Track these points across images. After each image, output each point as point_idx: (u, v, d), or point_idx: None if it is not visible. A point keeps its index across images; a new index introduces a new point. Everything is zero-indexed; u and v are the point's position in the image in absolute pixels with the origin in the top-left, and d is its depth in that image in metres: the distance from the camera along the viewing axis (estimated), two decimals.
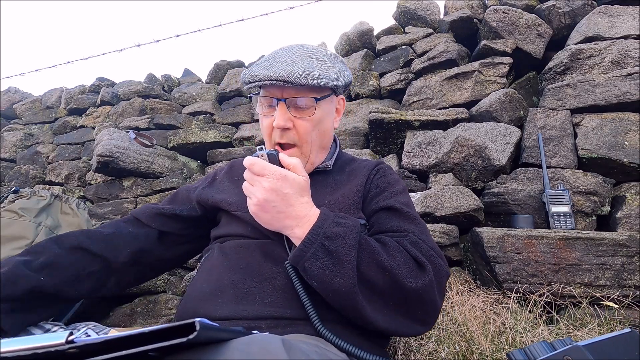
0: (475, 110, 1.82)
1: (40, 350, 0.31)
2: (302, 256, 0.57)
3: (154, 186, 2.26)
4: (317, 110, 0.73)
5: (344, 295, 0.56)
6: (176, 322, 0.32)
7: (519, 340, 0.97)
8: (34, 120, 3.31)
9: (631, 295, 1.12)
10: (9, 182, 2.78)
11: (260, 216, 0.62)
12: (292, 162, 0.63)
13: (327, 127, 0.79)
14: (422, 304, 0.58)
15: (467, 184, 1.66)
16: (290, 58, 0.71)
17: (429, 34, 2.34)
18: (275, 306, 0.60)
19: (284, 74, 0.67)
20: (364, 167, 0.84)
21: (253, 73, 0.71)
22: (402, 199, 0.75)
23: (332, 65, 0.76)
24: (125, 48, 3.09)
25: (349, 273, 0.55)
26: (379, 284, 0.57)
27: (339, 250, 0.56)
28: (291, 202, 0.60)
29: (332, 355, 0.49)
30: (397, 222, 0.70)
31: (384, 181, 0.79)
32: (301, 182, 0.62)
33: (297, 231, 0.60)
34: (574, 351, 0.39)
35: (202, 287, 0.66)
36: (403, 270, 0.58)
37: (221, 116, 2.69)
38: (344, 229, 0.59)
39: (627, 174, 1.50)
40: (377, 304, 0.57)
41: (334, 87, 0.74)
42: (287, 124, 0.71)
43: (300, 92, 0.71)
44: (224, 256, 0.69)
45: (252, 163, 0.61)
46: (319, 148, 0.78)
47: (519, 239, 1.22)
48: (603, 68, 1.73)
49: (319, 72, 0.71)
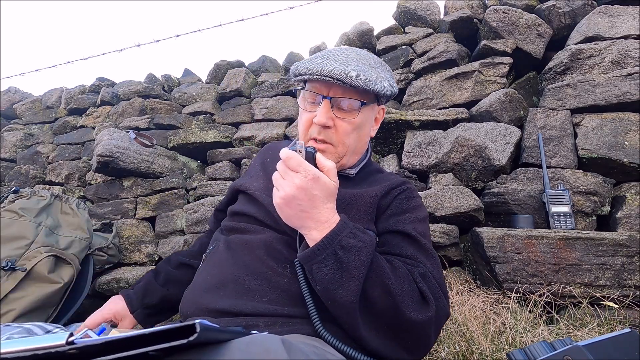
0: (475, 110, 1.82)
1: (41, 351, 0.31)
2: (313, 258, 0.57)
3: (154, 186, 2.26)
4: (359, 115, 0.73)
5: (343, 308, 0.56)
6: (177, 324, 0.32)
7: (519, 340, 0.97)
8: (34, 120, 3.31)
9: (631, 295, 1.12)
10: (9, 182, 2.78)
11: (283, 210, 0.61)
12: (327, 165, 0.61)
13: (364, 134, 0.79)
14: (417, 337, 0.58)
15: (467, 184, 1.66)
16: (344, 58, 0.72)
17: (429, 34, 2.34)
18: (273, 304, 0.61)
19: (337, 71, 0.67)
20: (388, 180, 0.82)
21: (306, 66, 0.71)
22: (421, 228, 0.72)
23: (381, 73, 0.75)
24: (125, 48, 3.09)
25: (353, 288, 0.55)
26: (379, 306, 0.57)
27: (350, 263, 0.56)
28: (317, 204, 0.59)
29: (330, 355, 0.49)
30: (411, 250, 0.68)
31: (408, 204, 0.76)
32: (331, 187, 0.61)
33: (315, 234, 0.59)
34: (574, 351, 0.39)
35: (207, 279, 0.68)
36: (407, 299, 0.57)
37: (221, 116, 2.69)
38: (360, 243, 0.58)
39: (627, 174, 1.50)
40: (372, 324, 0.57)
41: (380, 95, 0.74)
42: (329, 122, 0.71)
43: (347, 93, 0.71)
44: (228, 251, 0.71)
45: (289, 157, 0.59)
46: (352, 152, 0.78)
47: (519, 239, 1.22)
48: (603, 68, 1.73)
49: (370, 76, 0.70)
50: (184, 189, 2.24)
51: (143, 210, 2.20)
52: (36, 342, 0.31)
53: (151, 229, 2.14)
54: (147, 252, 2.02)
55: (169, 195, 2.20)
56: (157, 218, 2.14)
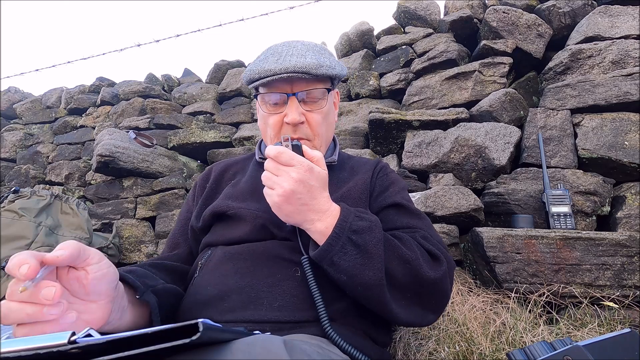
0: (476, 110, 1.82)
1: (42, 350, 0.31)
2: (330, 250, 0.57)
3: (154, 186, 2.26)
4: (327, 102, 0.74)
5: (373, 289, 0.56)
6: (179, 323, 0.31)
7: (519, 340, 0.97)
8: (34, 120, 3.31)
9: (631, 295, 1.12)
10: (9, 182, 2.78)
11: (283, 208, 0.59)
12: (316, 154, 0.61)
13: (332, 121, 0.80)
14: (437, 293, 0.61)
15: (467, 184, 1.66)
16: (297, 52, 0.71)
17: (429, 34, 2.34)
18: (283, 310, 0.59)
19: (300, 65, 0.66)
20: (365, 164, 0.85)
21: (263, 68, 0.69)
22: (406, 196, 0.77)
23: (331, 57, 0.77)
24: (125, 48, 3.09)
25: (377, 266, 0.56)
26: (400, 277, 0.58)
27: (367, 243, 0.57)
28: (315, 194, 0.59)
29: (334, 355, 0.49)
30: (406, 219, 0.72)
31: (387, 179, 0.80)
32: (324, 176, 0.61)
33: (319, 225, 0.59)
34: (574, 351, 0.39)
35: (207, 291, 0.64)
36: (422, 262, 0.60)
37: (221, 116, 2.69)
38: (369, 223, 0.60)
39: (627, 174, 1.50)
40: (399, 295, 0.59)
41: (339, 77, 0.75)
42: (301, 118, 0.71)
43: (310, 84, 0.70)
44: (229, 259, 0.66)
45: (280, 152, 0.58)
46: (326, 142, 0.79)
47: (519, 239, 1.22)
48: (603, 68, 1.73)
49: (328, 62, 0.71)
50: (184, 189, 2.24)
51: (143, 210, 2.20)
52: (38, 342, 0.31)
53: (151, 229, 2.14)
54: (147, 252, 2.02)
55: (169, 195, 2.20)
56: (157, 218, 2.14)
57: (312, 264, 0.60)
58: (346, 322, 0.60)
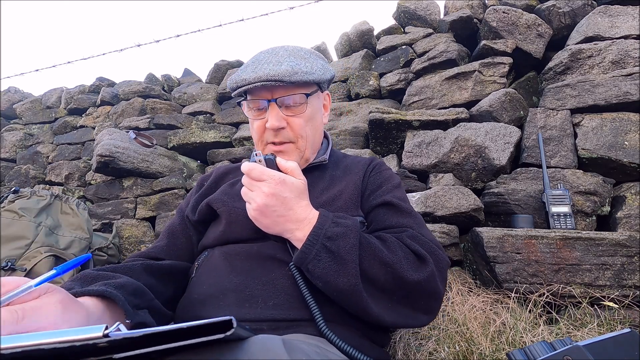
0: (475, 110, 1.82)
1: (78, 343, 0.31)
2: (305, 258, 0.58)
3: (154, 186, 2.26)
4: (308, 107, 0.74)
5: (348, 294, 0.56)
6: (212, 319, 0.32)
7: (519, 340, 0.97)
8: (34, 120, 3.31)
9: (631, 295, 1.12)
10: (9, 182, 2.78)
11: (261, 221, 0.62)
12: (289, 166, 0.64)
13: (318, 123, 0.81)
14: (425, 295, 0.60)
15: (467, 184, 1.66)
16: (275, 58, 0.72)
17: (429, 34, 2.34)
18: (278, 309, 0.60)
19: (273, 73, 0.68)
20: (359, 163, 0.85)
21: (241, 77, 0.71)
22: (398, 194, 0.76)
23: (315, 61, 0.77)
24: (125, 48, 3.09)
25: (351, 272, 0.56)
26: (381, 280, 0.58)
27: (340, 250, 0.57)
28: (291, 205, 0.61)
29: (332, 355, 0.49)
30: (396, 218, 0.71)
31: (380, 177, 0.80)
32: (300, 186, 0.63)
33: (298, 234, 0.61)
34: (574, 351, 0.39)
35: (203, 289, 0.65)
36: (404, 264, 0.59)
37: (221, 116, 2.69)
38: (344, 229, 0.60)
39: (627, 174, 1.50)
40: (381, 299, 0.59)
41: (320, 82, 0.75)
42: (281, 123, 0.72)
43: (290, 90, 0.72)
44: (225, 259, 0.68)
45: (250, 168, 0.61)
46: (312, 143, 0.80)
47: (519, 239, 1.22)
48: (603, 68, 1.73)
49: (305, 68, 0.71)
50: (184, 189, 2.24)
51: (143, 210, 2.20)
52: (73, 334, 0.31)
53: (151, 229, 2.14)
54: None
55: (169, 195, 2.20)
56: (157, 218, 2.14)
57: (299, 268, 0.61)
58: (343, 322, 0.60)
